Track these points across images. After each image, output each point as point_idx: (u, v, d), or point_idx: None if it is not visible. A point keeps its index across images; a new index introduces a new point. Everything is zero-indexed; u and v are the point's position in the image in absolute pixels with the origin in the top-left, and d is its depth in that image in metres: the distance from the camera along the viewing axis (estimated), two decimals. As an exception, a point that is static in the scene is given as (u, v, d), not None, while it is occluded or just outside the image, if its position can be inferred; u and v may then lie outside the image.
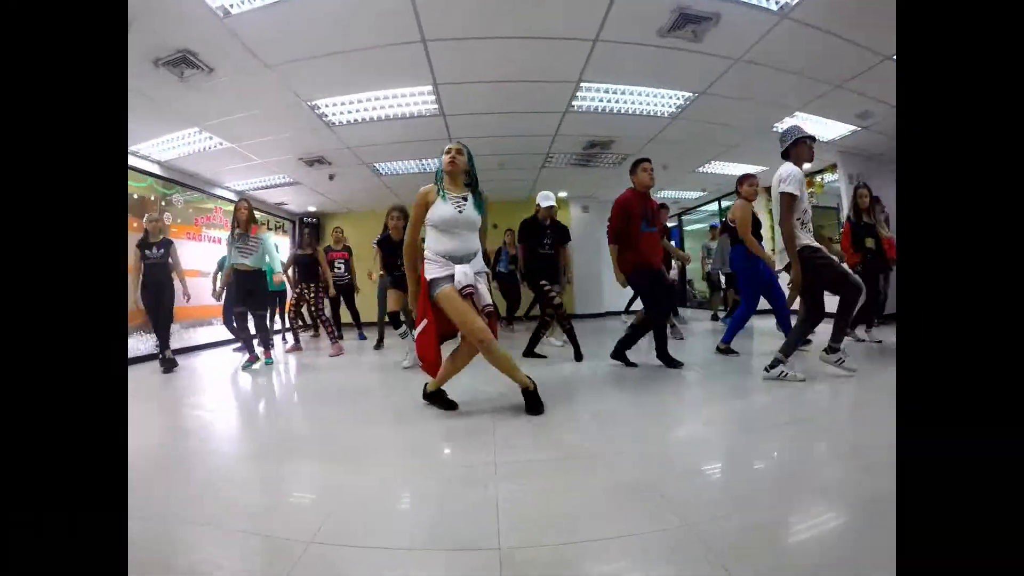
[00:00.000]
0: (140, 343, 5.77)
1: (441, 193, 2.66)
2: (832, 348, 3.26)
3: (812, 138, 3.26)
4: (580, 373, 3.84)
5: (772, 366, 3.17)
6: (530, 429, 2.42)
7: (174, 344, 5.57)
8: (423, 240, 2.79)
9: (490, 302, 2.66)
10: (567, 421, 2.55)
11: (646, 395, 3.08)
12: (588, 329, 7.13)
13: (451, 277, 2.58)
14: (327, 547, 1.35)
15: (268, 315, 6.00)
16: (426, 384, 2.91)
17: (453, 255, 2.63)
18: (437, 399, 2.83)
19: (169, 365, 4.87)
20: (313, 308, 6.15)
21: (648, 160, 3.88)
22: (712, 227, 9.19)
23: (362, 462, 2.10)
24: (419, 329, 2.69)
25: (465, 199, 2.69)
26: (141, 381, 4.42)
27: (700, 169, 7.72)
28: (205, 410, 3.28)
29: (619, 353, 3.98)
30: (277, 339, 7.15)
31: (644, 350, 4.32)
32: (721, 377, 3.51)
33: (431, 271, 2.63)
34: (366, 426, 2.70)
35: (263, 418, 3.17)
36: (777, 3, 3.41)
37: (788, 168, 3.17)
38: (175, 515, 1.62)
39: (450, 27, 3.59)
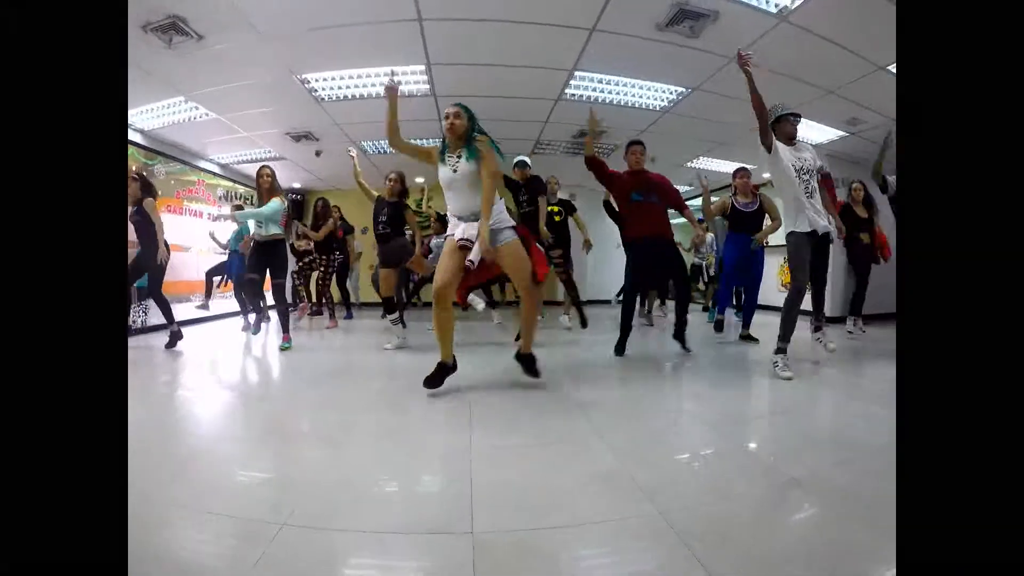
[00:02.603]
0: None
1: (442, 157, 2.84)
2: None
3: (796, 115, 3.35)
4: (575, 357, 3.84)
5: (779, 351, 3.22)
6: (508, 414, 2.45)
7: (152, 320, 5.48)
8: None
9: (474, 260, 2.70)
10: (547, 407, 2.58)
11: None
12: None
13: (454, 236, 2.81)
14: (300, 529, 1.35)
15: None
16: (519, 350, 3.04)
17: (459, 215, 2.83)
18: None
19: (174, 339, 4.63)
20: (320, 282, 6.47)
21: (639, 143, 4.01)
22: (699, 221, 9.29)
23: (340, 444, 2.09)
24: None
25: (459, 157, 2.78)
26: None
27: (689, 164, 7.76)
28: (186, 388, 3.24)
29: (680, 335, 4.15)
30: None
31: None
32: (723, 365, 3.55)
33: (448, 229, 2.90)
34: (344, 408, 2.68)
35: (244, 397, 3.12)
36: (776, 6, 3.41)
37: None
38: (146, 495, 1.57)
39: (447, 7, 3.52)
